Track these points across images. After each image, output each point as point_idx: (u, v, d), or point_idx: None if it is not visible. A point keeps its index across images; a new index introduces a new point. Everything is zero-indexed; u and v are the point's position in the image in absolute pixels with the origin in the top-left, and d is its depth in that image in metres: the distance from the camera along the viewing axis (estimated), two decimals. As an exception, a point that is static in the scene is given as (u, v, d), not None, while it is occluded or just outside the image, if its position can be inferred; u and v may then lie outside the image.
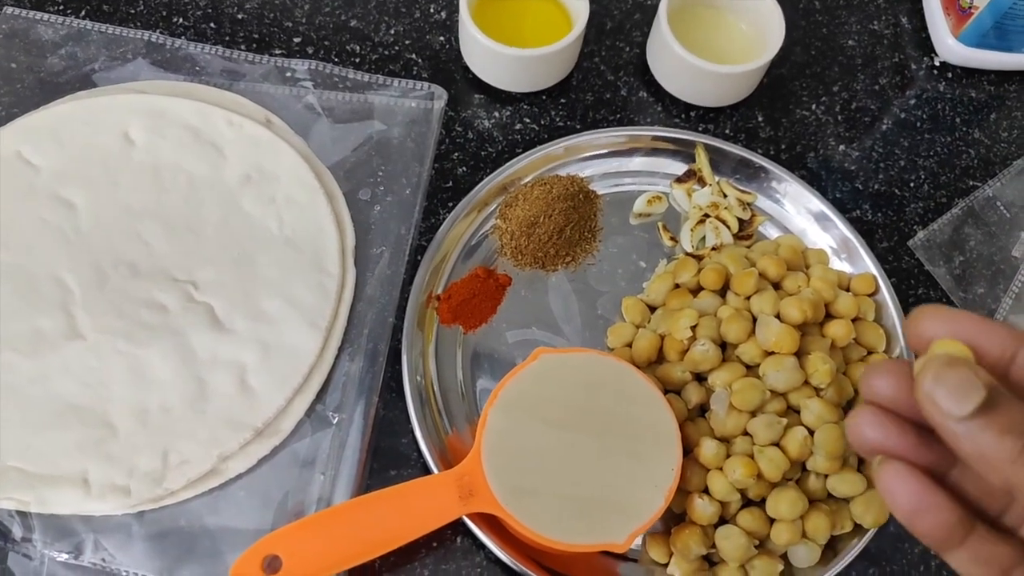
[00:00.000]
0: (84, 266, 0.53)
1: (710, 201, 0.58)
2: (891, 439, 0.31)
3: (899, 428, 0.31)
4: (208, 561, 0.48)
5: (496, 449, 0.46)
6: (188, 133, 0.56)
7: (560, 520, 0.45)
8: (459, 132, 0.61)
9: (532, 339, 0.55)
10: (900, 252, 0.60)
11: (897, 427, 0.31)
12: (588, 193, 0.58)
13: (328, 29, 0.63)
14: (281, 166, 0.56)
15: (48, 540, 0.47)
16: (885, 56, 0.67)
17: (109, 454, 0.48)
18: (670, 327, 0.51)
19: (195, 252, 0.54)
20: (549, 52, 0.58)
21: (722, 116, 0.63)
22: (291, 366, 0.51)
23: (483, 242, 0.57)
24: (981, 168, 0.63)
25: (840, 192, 0.61)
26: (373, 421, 0.52)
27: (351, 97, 0.59)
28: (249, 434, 0.50)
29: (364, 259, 0.55)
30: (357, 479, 0.50)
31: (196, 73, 0.59)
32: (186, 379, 0.50)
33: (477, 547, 0.50)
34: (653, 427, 0.48)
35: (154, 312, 0.52)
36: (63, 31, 0.60)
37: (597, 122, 0.62)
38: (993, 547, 0.29)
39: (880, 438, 0.31)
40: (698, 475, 0.48)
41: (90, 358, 0.50)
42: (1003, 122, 0.65)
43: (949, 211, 0.60)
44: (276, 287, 0.53)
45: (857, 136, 0.63)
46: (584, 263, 0.57)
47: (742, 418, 0.49)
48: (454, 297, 0.54)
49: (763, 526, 0.48)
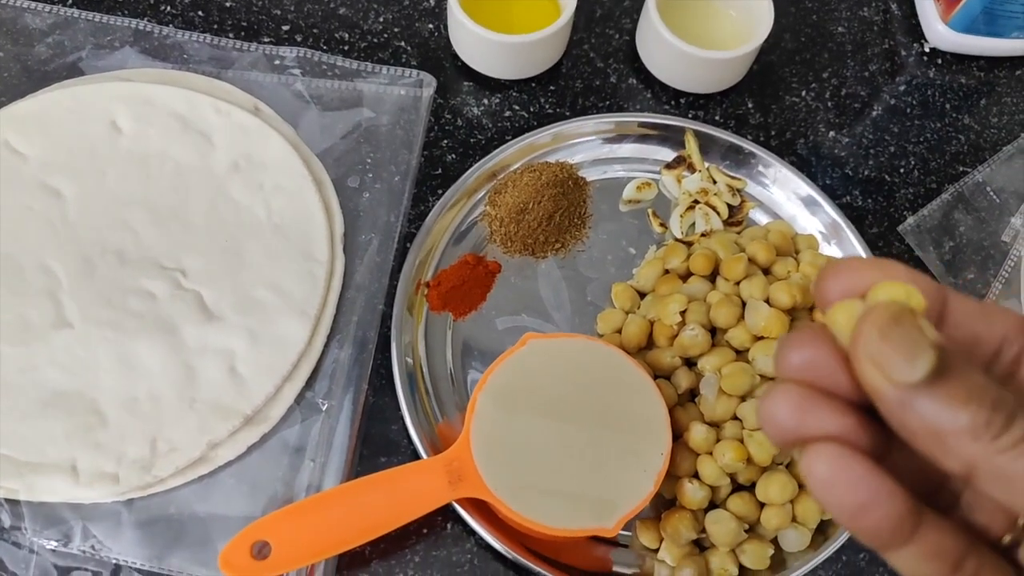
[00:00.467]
0: (72, 255, 0.52)
1: (700, 187, 0.58)
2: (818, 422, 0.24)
3: (828, 406, 0.24)
4: (198, 548, 0.48)
5: (485, 434, 0.46)
6: (176, 121, 0.56)
7: (549, 505, 0.45)
8: (448, 119, 0.61)
9: (522, 326, 0.54)
10: (890, 238, 0.60)
11: (827, 407, 0.24)
12: (577, 180, 0.58)
13: (316, 16, 0.63)
14: (269, 154, 0.56)
15: (37, 528, 0.47)
16: (875, 42, 0.66)
17: (97, 442, 0.48)
18: (659, 313, 0.51)
19: (183, 240, 0.54)
20: (538, 39, 0.58)
21: (712, 103, 0.63)
22: (280, 354, 0.51)
23: (472, 229, 0.57)
24: (971, 154, 0.63)
25: (830, 178, 0.61)
26: (363, 408, 0.52)
27: (340, 85, 0.59)
28: (238, 421, 0.49)
29: (353, 246, 0.55)
30: (347, 466, 0.50)
31: (184, 61, 0.59)
32: (175, 367, 0.50)
33: (467, 533, 0.50)
34: (643, 412, 0.48)
35: (142, 300, 0.52)
36: (50, 19, 0.59)
37: (586, 109, 0.62)
38: (943, 536, 0.24)
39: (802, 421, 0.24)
40: (688, 460, 0.48)
41: (78, 347, 0.50)
42: (993, 108, 0.65)
43: (939, 197, 0.60)
44: (265, 275, 0.53)
45: (847, 122, 0.63)
46: (574, 249, 0.57)
47: (732, 403, 0.49)
48: (443, 284, 0.54)
49: (753, 510, 0.48)
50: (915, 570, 0.24)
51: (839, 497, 0.23)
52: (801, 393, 0.24)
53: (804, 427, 0.24)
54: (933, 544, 0.24)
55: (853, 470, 0.23)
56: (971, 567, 0.24)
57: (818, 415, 0.24)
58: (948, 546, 0.24)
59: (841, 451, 0.23)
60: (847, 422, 0.24)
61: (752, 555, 0.48)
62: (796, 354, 0.25)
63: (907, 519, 0.23)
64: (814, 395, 0.24)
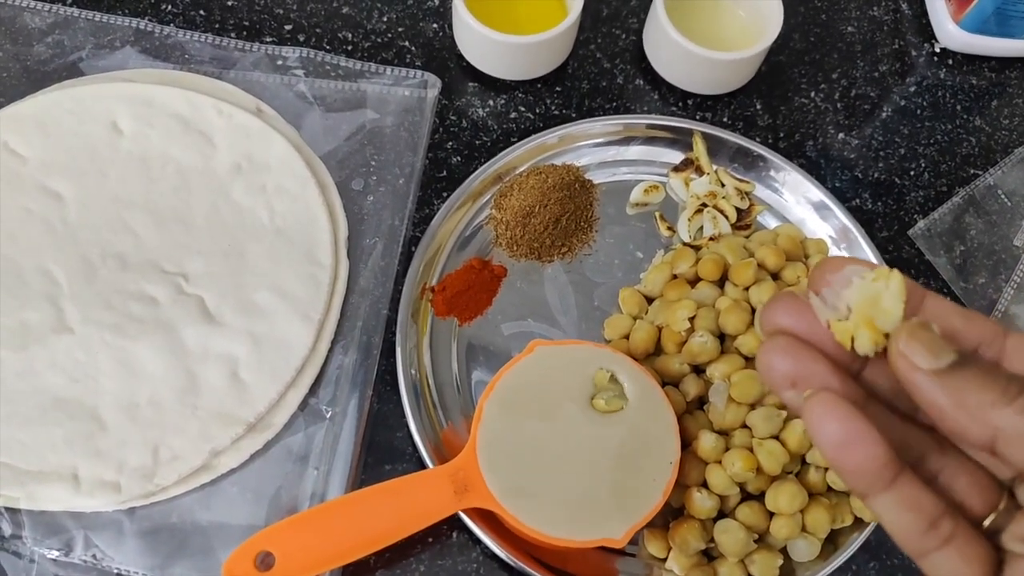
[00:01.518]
0: (72, 258, 0.52)
1: (708, 190, 0.57)
2: (807, 367, 0.29)
3: (813, 355, 0.29)
4: (200, 558, 0.47)
5: (492, 443, 0.46)
6: (177, 122, 0.55)
7: (557, 515, 0.45)
8: (453, 121, 0.60)
9: (528, 331, 0.54)
10: (900, 242, 0.59)
11: (811, 354, 0.29)
12: (584, 182, 0.57)
13: (320, 16, 0.62)
14: (272, 156, 0.55)
15: (38, 537, 0.47)
16: (885, 42, 0.66)
17: (98, 449, 0.48)
18: (668, 319, 0.51)
19: (185, 243, 0.53)
20: (544, 39, 0.57)
21: (720, 104, 0.62)
22: (283, 359, 0.50)
23: (478, 233, 0.56)
24: (982, 156, 0.62)
25: (839, 181, 0.60)
26: (367, 415, 0.51)
27: (343, 85, 0.58)
28: (241, 429, 0.49)
29: (357, 250, 0.55)
30: (351, 474, 0.49)
31: (185, 61, 0.58)
32: (176, 373, 0.50)
33: (473, 542, 0.49)
34: (651, 420, 0.47)
35: (143, 305, 0.51)
36: (50, 19, 0.59)
37: (593, 110, 0.61)
38: (921, 492, 0.28)
39: (793, 366, 0.29)
40: (697, 469, 0.48)
41: (78, 352, 0.50)
42: (1004, 109, 0.64)
43: (950, 200, 0.60)
44: (267, 279, 0.52)
45: (857, 124, 0.62)
46: (580, 254, 0.56)
47: (741, 411, 0.48)
48: (449, 289, 0.54)
49: (763, 520, 0.47)
50: (893, 518, 0.28)
51: (829, 432, 0.27)
52: (789, 341, 0.29)
53: (793, 369, 0.29)
54: (911, 496, 0.28)
55: (843, 412, 0.27)
56: (947, 528, 0.27)
57: (805, 360, 0.29)
58: (925, 502, 0.28)
59: (834, 397, 0.28)
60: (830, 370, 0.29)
61: (761, 565, 0.47)
62: (781, 312, 0.30)
63: (888, 465, 0.27)
64: (800, 344, 0.29)
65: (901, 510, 0.28)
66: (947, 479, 0.30)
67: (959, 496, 0.29)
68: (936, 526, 0.27)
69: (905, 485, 0.28)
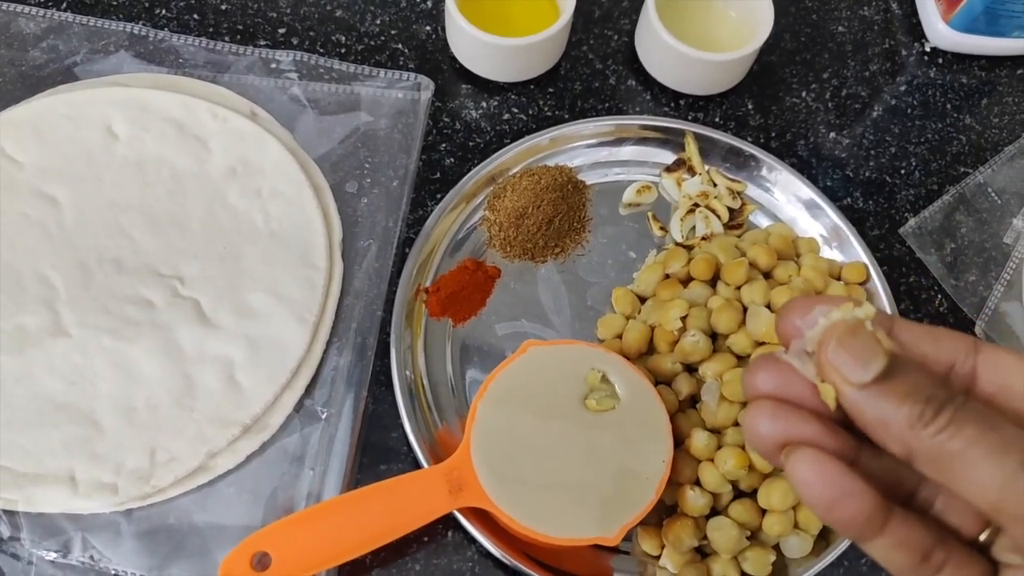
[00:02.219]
0: (68, 262, 0.52)
1: (700, 190, 0.58)
2: (793, 428, 0.29)
3: (799, 416, 0.29)
4: (197, 559, 0.47)
5: (486, 443, 0.46)
6: (172, 126, 0.56)
7: (550, 514, 0.45)
8: (447, 123, 0.60)
9: (522, 331, 0.54)
10: (891, 240, 0.59)
11: (797, 415, 0.29)
12: (577, 183, 0.58)
13: (313, 20, 0.63)
14: (267, 159, 0.55)
15: (36, 539, 0.47)
16: (875, 42, 0.66)
17: (95, 452, 0.48)
18: (660, 318, 0.51)
19: (180, 247, 0.53)
20: (536, 41, 0.57)
21: (712, 104, 0.62)
22: (279, 361, 0.51)
23: (471, 234, 0.57)
24: (972, 154, 0.63)
25: (831, 180, 0.61)
26: (362, 416, 0.51)
27: (337, 88, 0.59)
28: (237, 430, 0.49)
29: (351, 252, 0.55)
30: (347, 474, 0.50)
31: (180, 65, 0.59)
32: (173, 375, 0.50)
33: (468, 541, 0.50)
34: (644, 419, 0.47)
35: (140, 308, 0.51)
36: (44, 24, 0.59)
37: (585, 111, 0.61)
38: (912, 530, 0.28)
39: (781, 430, 0.29)
40: (689, 466, 0.48)
41: (75, 355, 0.50)
42: (994, 108, 0.64)
43: (940, 198, 0.60)
44: (263, 281, 0.53)
45: (848, 123, 0.63)
46: (573, 254, 0.57)
47: (733, 409, 0.48)
48: (443, 290, 0.54)
49: (755, 517, 0.48)
50: (888, 559, 0.28)
51: (816, 494, 0.28)
52: (774, 405, 0.29)
53: (782, 433, 0.29)
54: (902, 536, 0.28)
55: (828, 470, 0.27)
56: (939, 558, 0.28)
57: (792, 422, 0.29)
58: (916, 538, 0.28)
59: (817, 455, 0.28)
60: (817, 428, 0.29)
61: (754, 562, 0.47)
62: (762, 378, 0.30)
63: (877, 514, 0.28)
64: (785, 406, 0.29)
65: (894, 552, 0.28)
66: (941, 505, 0.30)
67: (955, 520, 0.30)
68: (928, 558, 0.28)
69: (896, 528, 0.28)
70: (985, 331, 0.56)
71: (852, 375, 0.27)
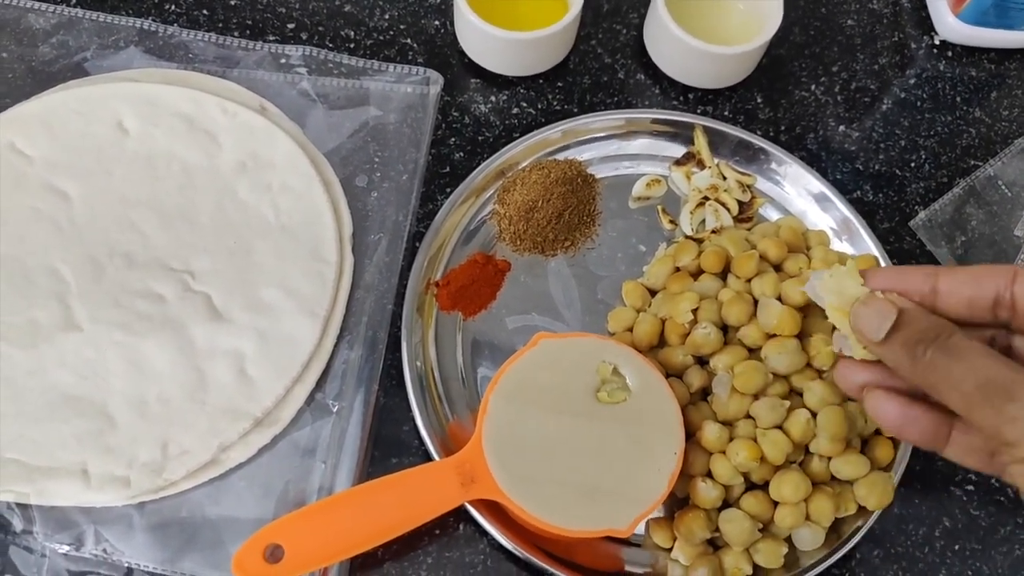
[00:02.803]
0: (79, 257, 0.52)
1: (709, 183, 0.58)
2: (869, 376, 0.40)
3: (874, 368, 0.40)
4: (210, 551, 0.48)
5: (497, 435, 0.46)
6: (182, 121, 0.56)
7: (562, 506, 0.45)
8: (456, 117, 0.60)
9: (532, 325, 0.54)
10: (901, 233, 0.59)
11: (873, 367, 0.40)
12: (586, 177, 0.58)
13: (322, 14, 0.63)
14: (276, 153, 0.55)
15: (49, 532, 0.47)
16: (885, 35, 0.66)
17: (108, 445, 0.48)
18: (671, 311, 0.51)
19: (191, 241, 0.53)
20: (545, 35, 0.57)
21: (721, 98, 0.62)
22: (290, 355, 0.51)
23: (481, 227, 0.57)
24: (982, 147, 0.62)
25: (840, 173, 0.61)
26: (373, 409, 0.51)
27: (346, 83, 0.59)
28: (248, 423, 0.49)
29: (362, 246, 0.55)
30: (358, 467, 0.50)
31: (189, 60, 0.59)
32: (184, 369, 0.50)
33: (480, 534, 0.50)
34: (655, 411, 0.47)
35: (151, 302, 0.52)
36: (54, 19, 0.59)
37: (595, 105, 0.61)
38: (972, 439, 0.37)
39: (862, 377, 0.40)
40: (701, 459, 0.48)
41: (87, 349, 0.50)
42: (1004, 100, 0.64)
43: (950, 191, 0.60)
44: (273, 276, 0.53)
45: (857, 116, 0.63)
46: (583, 247, 0.57)
47: (744, 401, 0.48)
48: (453, 283, 0.54)
49: (767, 509, 0.48)
50: (961, 460, 0.38)
51: (886, 421, 0.39)
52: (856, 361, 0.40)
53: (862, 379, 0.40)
54: (966, 444, 0.38)
55: (890, 404, 0.38)
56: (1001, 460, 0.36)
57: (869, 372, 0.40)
58: (978, 445, 0.37)
59: (880, 392, 0.39)
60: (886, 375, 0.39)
61: (766, 554, 0.47)
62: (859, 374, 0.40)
63: (939, 429, 0.38)
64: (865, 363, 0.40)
65: (964, 455, 0.38)
66: None
67: None
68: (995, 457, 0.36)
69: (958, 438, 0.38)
70: (996, 323, 0.56)
71: (871, 335, 0.37)
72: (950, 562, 0.51)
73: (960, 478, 0.53)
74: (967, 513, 0.52)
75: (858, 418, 0.48)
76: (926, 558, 0.51)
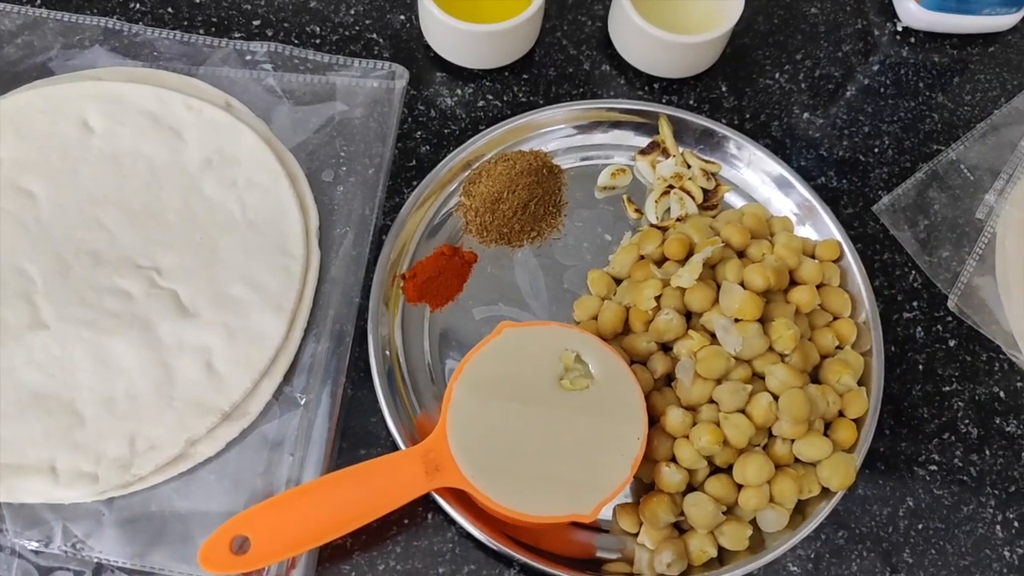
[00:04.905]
0: (46, 255, 0.52)
1: (674, 172, 0.58)
2: None
3: None
4: (179, 545, 0.48)
5: (462, 423, 0.47)
6: (147, 119, 0.56)
7: (526, 492, 0.45)
8: (421, 111, 0.60)
9: (499, 315, 0.55)
10: (865, 218, 0.60)
11: None
12: (552, 168, 0.58)
13: (287, 11, 0.63)
14: (242, 149, 0.56)
15: (18, 529, 0.47)
16: (848, 22, 0.66)
17: (76, 442, 0.48)
18: (635, 298, 0.51)
19: (158, 238, 0.53)
20: (509, 27, 0.57)
21: (685, 87, 0.63)
22: (257, 349, 0.51)
23: (448, 220, 0.57)
24: (945, 132, 0.63)
25: (805, 160, 0.61)
26: (341, 401, 0.52)
27: (312, 79, 0.59)
28: (216, 418, 0.49)
29: (328, 240, 0.55)
30: (326, 459, 0.50)
31: (155, 59, 0.59)
32: (152, 365, 0.50)
33: (448, 522, 0.50)
34: (618, 398, 0.48)
35: (118, 299, 0.52)
36: (19, 20, 0.59)
37: (560, 97, 0.62)
38: None
39: None
40: (665, 444, 0.49)
41: (54, 347, 0.50)
42: (966, 86, 0.65)
43: (913, 176, 0.61)
44: (240, 271, 0.53)
45: (821, 103, 0.63)
46: (550, 238, 0.57)
47: (707, 386, 0.49)
48: (419, 275, 0.54)
49: (731, 492, 0.48)
50: None
51: None
52: None
53: None
54: None
55: None
56: None
57: None
58: None
59: None
60: None
61: (731, 536, 0.48)
62: None
63: None
64: None
65: None
66: None
67: None
68: None
69: None
70: (959, 305, 0.56)
71: None
72: (914, 541, 0.52)
73: (923, 459, 0.54)
74: (930, 493, 0.53)
75: (820, 400, 0.49)
76: (890, 538, 0.52)
